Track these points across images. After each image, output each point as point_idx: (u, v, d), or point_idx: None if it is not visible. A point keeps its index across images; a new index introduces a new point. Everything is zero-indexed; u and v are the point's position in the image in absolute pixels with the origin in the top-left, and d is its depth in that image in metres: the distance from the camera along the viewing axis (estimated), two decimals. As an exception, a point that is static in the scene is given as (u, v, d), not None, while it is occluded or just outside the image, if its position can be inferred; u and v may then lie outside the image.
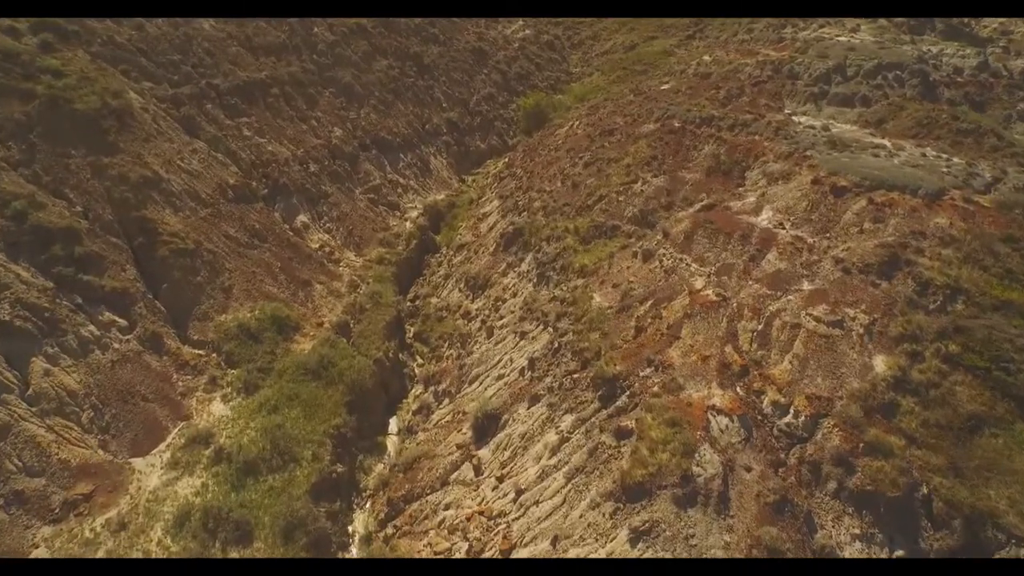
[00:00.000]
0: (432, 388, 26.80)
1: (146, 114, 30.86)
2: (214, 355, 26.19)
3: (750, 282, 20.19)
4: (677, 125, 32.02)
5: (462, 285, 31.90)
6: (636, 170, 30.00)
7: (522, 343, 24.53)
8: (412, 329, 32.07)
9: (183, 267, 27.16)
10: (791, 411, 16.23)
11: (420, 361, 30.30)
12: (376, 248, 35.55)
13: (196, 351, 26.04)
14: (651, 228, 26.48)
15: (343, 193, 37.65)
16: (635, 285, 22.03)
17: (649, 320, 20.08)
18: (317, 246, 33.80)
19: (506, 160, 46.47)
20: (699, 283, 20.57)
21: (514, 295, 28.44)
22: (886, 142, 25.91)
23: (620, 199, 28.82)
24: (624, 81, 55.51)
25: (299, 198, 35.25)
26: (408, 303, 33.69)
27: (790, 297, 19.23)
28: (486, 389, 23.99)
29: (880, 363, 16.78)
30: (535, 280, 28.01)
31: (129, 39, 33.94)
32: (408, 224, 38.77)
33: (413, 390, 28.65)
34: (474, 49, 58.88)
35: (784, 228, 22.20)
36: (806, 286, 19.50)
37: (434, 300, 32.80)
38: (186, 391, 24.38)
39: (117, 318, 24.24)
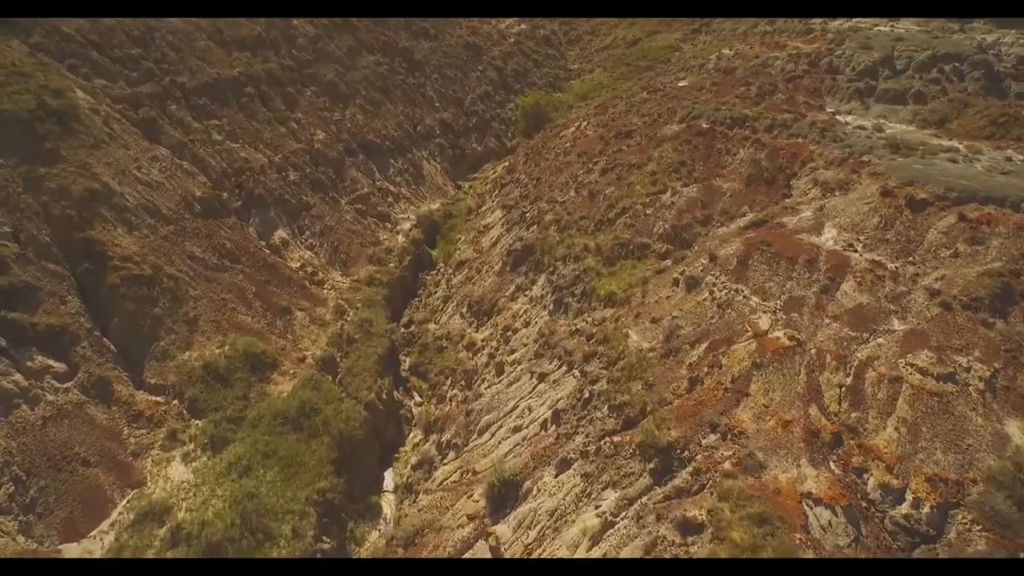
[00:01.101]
0: (434, 437, 22.93)
1: (96, 116, 26.62)
2: (175, 402, 22.12)
3: (826, 320, 16.54)
4: (705, 126, 28.38)
5: (464, 310, 28.03)
6: (663, 178, 26.30)
7: (541, 387, 20.73)
8: (408, 360, 28.15)
9: (138, 297, 23.05)
10: (908, 498, 12.58)
11: (418, 399, 26.40)
12: (365, 266, 31.56)
13: (153, 398, 21.96)
14: (687, 248, 22.84)
15: (327, 204, 33.59)
16: (681, 321, 18.30)
17: (705, 369, 16.35)
18: (298, 266, 29.74)
19: (506, 164, 42.60)
20: (764, 322, 16.88)
21: (526, 324, 24.63)
22: (958, 144, 22.44)
23: (647, 212, 25.11)
24: (629, 78, 52.05)
25: (277, 211, 31.17)
26: (402, 329, 29.76)
27: (880, 340, 15.61)
28: (500, 443, 20.16)
29: (1016, 431, 13.20)
30: (551, 307, 24.23)
31: (78, 29, 29.65)
32: (400, 238, 34.80)
33: (411, 435, 24.75)
34: (467, 44, 54.93)
35: (856, 251, 18.59)
36: (897, 325, 15.90)
37: (432, 327, 28.88)
38: (139, 450, 20.30)
39: (53, 362, 20.12)
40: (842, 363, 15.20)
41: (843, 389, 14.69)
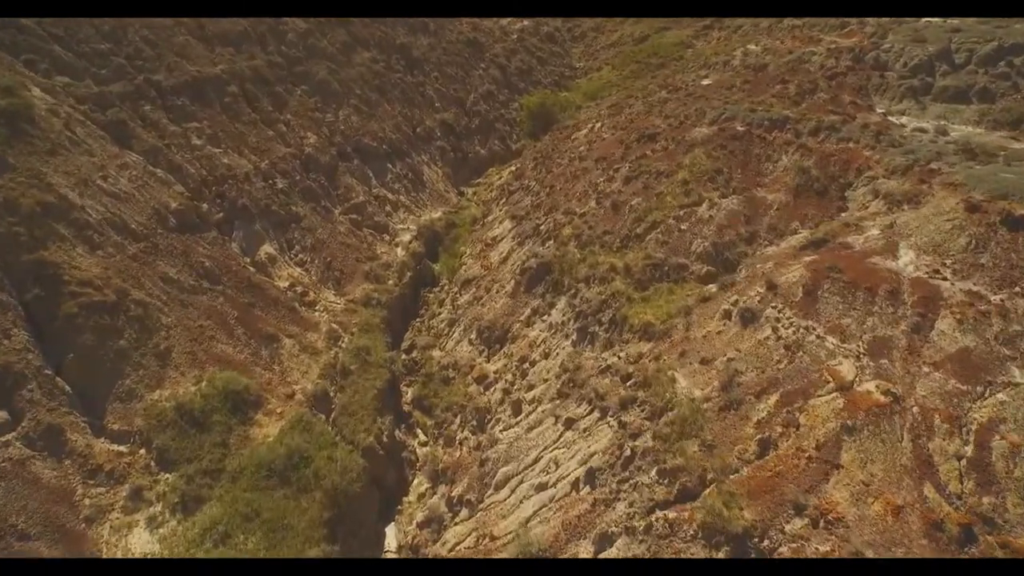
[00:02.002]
0: (443, 489, 19.93)
1: (55, 118, 23.49)
2: (141, 451, 19.04)
3: (924, 368, 13.63)
4: (740, 129, 25.46)
5: (473, 335, 25.01)
6: (697, 188, 23.37)
7: (569, 435, 17.75)
8: (410, 391, 25.12)
9: (99, 327, 19.96)
10: (1075, 620, 9.67)
11: (422, 438, 23.38)
12: (361, 284, 28.48)
13: (115, 447, 18.86)
14: (732, 270, 19.91)
15: (319, 215, 30.50)
16: (740, 365, 15.36)
17: (779, 429, 13.41)
18: (286, 285, 26.65)
19: (513, 169, 39.64)
20: (847, 370, 13.95)
21: (546, 356, 21.66)
22: (1045, 152, 19.62)
23: (681, 227, 22.17)
24: (641, 76, 49.09)
25: (263, 223, 28.06)
26: (404, 355, 26.73)
27: (1001, 396, 12.70)
28: (521, 503, 17.18)
29: None
30: (574, 337, 21.26)
31: (38, 21, 26.46)
32: (400, 251, 31.74)
33: (416, 482, 21.72)
34: (468, 40, 51.87)
35: (945, 278, 15.70)
36: (1020, 377, 12.99)
37: (437, 353, 25.85)
38: (95, 514, 17.17)
39: (-8, 412, 17.02)
40: (956, 426, 12.29)
41: (964, 462, 11.78)
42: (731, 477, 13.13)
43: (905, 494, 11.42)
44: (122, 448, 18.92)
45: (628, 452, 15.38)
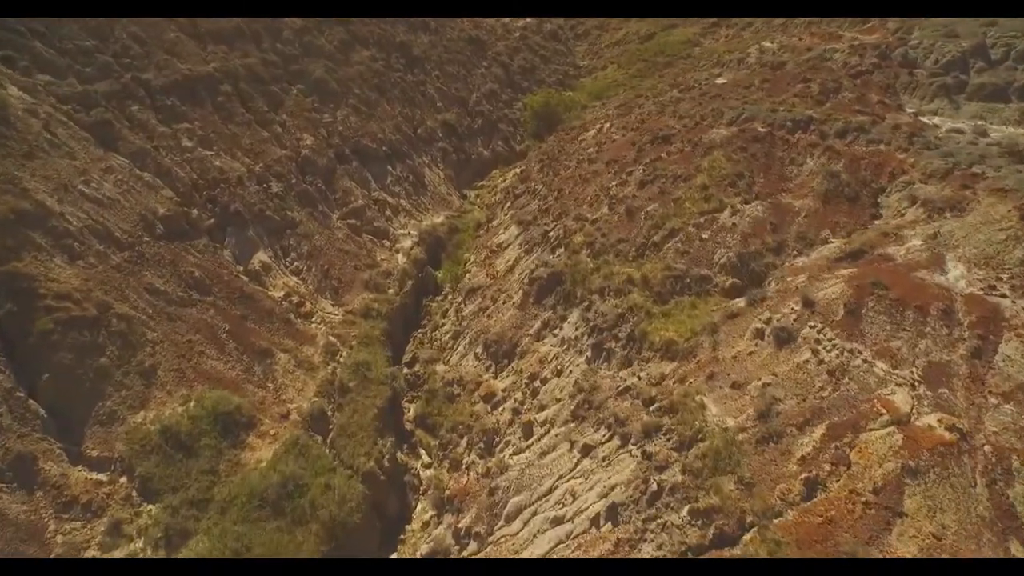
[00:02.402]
0: (449, 519, 18.49)
1: (33, 119, 22.07)
2: (122, 480, 17.66)
3: (991, 399, 12.22)
4: (762, 130, 24.04)
5: (479, 349, 23.58)
6: (717, 193, 21.95)
7: (586, 464, 16.33)
8: (412, 408, 23.70)
9: (78, 344, 18.58)
10: None
11: (426, 459, 21.95)
12: (360, 293, 27.04)
13: (93, 476, 17.47)
14: (759, 283, 18.50)
15: (316, 220, 29.04)
16: (777, 391, 13.94)
17: (827, 467, 12.00)
18: (281, 295, 25.20)
19: (518, 171, 38.20)
20: (901, 400, 12.53)
21: (558, 373, 20.24)
22: (1098, 155, 18.23)
23: (702, 235, 20.75)
24: (648, 75, 47.73)
25: (257, 229, 26.60)
26: (405, 369, 25.30)
27: (1081, 433, 11.30)
28: (535, 537, 15.77)
29: None
30: (588, 353, 19.84)
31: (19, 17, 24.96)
32: (400, 257, 30.29)
33: (419, 508, 20.30)
34: (470, 38, 50.40)
35: (1003, 294, 14.30)
36: (1100, 410, 11.60)
37: (440, 368, 24.42)
38: (68, 552, 15.79)
39: (-44, 441, 15.62)
40: (1034, 469, 10.87)
41: (1048, 513, 10.36)
42: (775, 521, 11.71)
43: (987, 552, 10.03)
44: (101, 476, 17.52)
45: (654, 487, 13.96)
